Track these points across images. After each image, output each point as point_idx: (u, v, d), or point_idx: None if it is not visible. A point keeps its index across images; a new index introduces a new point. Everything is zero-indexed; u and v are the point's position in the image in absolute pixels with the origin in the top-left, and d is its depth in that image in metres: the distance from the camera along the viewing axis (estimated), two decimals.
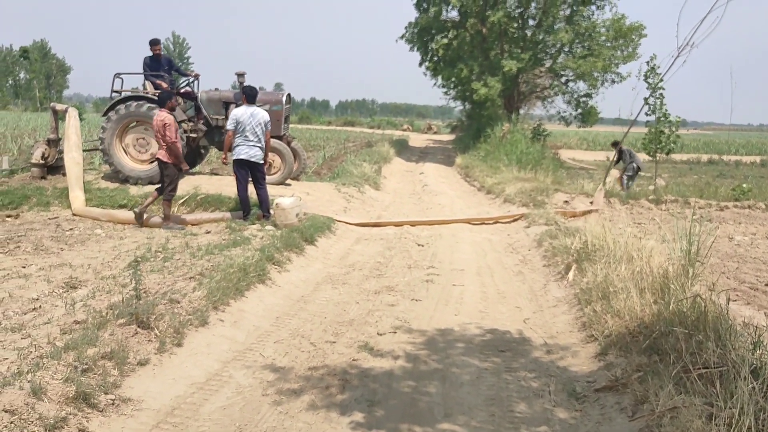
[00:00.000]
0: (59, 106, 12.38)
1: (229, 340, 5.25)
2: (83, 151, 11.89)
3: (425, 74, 31.30)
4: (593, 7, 27.83)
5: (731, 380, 3.53)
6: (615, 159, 16.38)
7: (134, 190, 11.16)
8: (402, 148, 30.66)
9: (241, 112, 9.23)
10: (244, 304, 5.99)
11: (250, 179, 9.44)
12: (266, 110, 10.55)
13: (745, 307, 6.98)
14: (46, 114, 40.51)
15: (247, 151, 9.19)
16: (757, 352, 3.93)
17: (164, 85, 11.78)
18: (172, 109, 9.38)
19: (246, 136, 9.17)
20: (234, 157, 9.34)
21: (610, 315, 5.29)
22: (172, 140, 9.05)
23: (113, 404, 3.85)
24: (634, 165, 16.39)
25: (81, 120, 12.44)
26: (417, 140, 42.50)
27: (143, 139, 11.53)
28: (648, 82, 15.20)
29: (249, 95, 9.41)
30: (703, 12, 8.98)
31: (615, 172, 16.54)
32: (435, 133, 56.40)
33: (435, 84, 33.05)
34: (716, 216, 13.05)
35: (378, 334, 5.61)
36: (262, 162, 9.39)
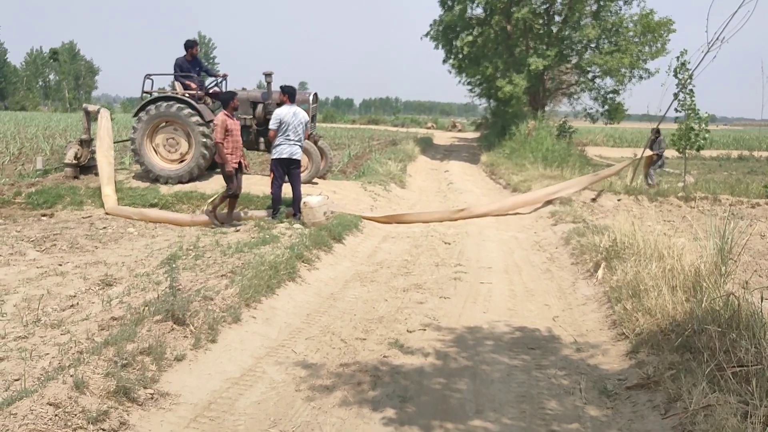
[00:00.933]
0: (91, 107, 12.62)
1: (261, 336, 5.33)
2: (115, 143, 12.10)
3: (450, 72, 31.22)
4: (621, 2, 27.50)
5: (767, 378, 3.51)
6: (651, 140, 16.32)
7: (164, 189, 11.35)
8: (426, 146, 30.63)
9: (284, 112, 9.35)
10: (275, 301, 6.08)
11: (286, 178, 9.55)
12: None
13: None
14: (75, 114, 41.29)
15: (290, 149, 9.33)
16: None
17: (193, 86, 11.95)
18: (234, 110, 9.42)
19: (288, 135, 9.30)
20: (275, 156, 9.44)
21: (641, 313, 5.28)
22: (216, 140, 9.15)
23: (152, 398, 3.95)
24: (663, 157, 16.35)
25: (111, 120, 12.67)
26: (441, 138, 42.41)
27: (173, 138, 11.71)
28: (678, 78, 15.01)
29: (291, 94, 9.53)
30: (734, 6, 8.86)
31: (647, 153, 16.43)
32: (459, 131, 56.17)
33: (459, 81, 32.99)
34: (747, 213, 12.85)
35: (407, 331, 5.65)
36: (300, 160, 9.53)
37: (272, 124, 9.43)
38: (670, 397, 3.93)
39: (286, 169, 9.44)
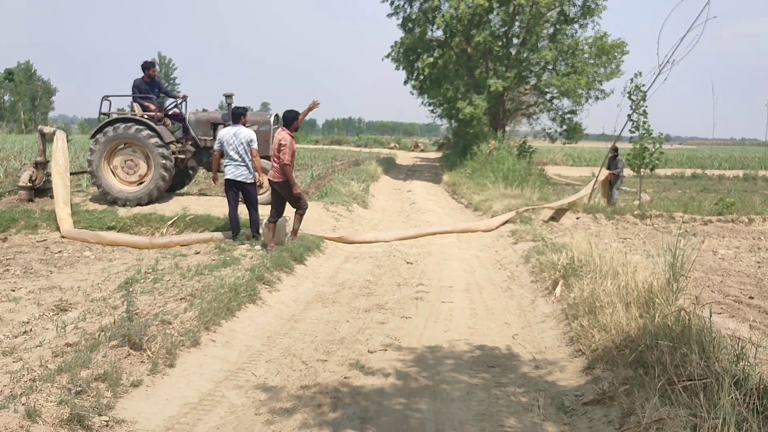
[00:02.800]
0: (47, 129, 12.40)
1: (221, 360, 5.28)
2: (71, 173, 11.90)
3: (411, 93, 31.56)
4: (576, 26, 28.27)
5: (715, 392, 3.62)
6: (609, 158, 16.72)
7: (123, 211, 11.18)
8: (389, 166, 30.80)
9: (223, 133, 9.30)
10: (235, 324, 6.03)
11: (242, 200, 9.47)
12: (254, 131, 10.60)
13: (730, 320, 7.10)
14: (31, 136, 40.38)
15: (233, 170, 9.23)
16: (740, 364, 4.03)
17: (152, 107, 11.85)
18: (296, 130, 9.20)
19: (230, 156, 9.20)
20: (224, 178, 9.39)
21: (597, 329, 5.39)
22: (284, 162, 8.88)
23: (107, 426, 3.88)
24: (622, 176, 16.81)
25: (68, 142, 12.46)
26: (404, 158, 42.69)
27: (131, 160, 11.57)
28: (631, 99, 15.44)
29: (233, 115, 9.47)
30: (684, 30, 9.22)
31: (604, 173, 16.81)
32: (422, 150, 56.60)
33: (421, 102, 33.37)
34: (700, 230, 13.24)
35: (369, 351, 5.66)
36: (250, 182, 9.37)
37: (216, 146, 9.41)
38: (624, 411, 4.02)
39: (236, 191, 9.37)
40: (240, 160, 9.19)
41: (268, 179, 9.25)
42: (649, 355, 4.43)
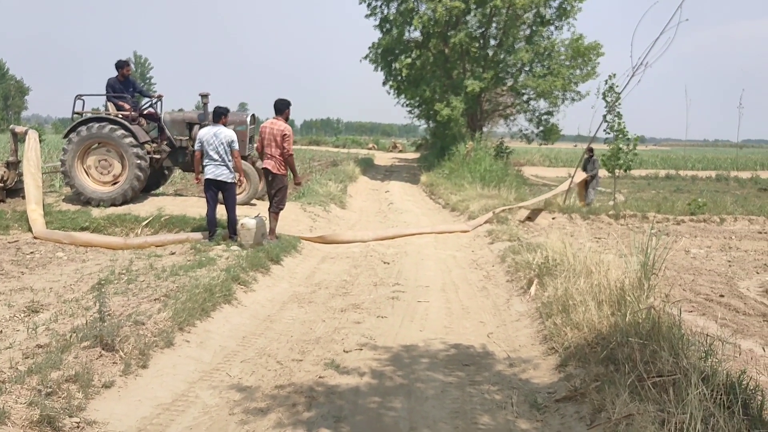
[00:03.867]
0: (19, 129, 12.22)
1: (195, 360, 5.25)
2: (43, 173, 11.74)
3: (389, 93, 31.65)
4: (552, 28, 28.58)
5: (683, 387, 3.68)
6: (584, 159, 16.89)
7: (96, 212, 11.04)
8: (368, 166, 30.84)
9: (204, 132, 9.25)
10: (210, 324, 6.00)
11: (222, 200, 9.44)
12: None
13: (701, 317, 7.23)
14: (3, 136, 39.76)
15: (213, 170, 9.19)
16: (708, 360, 4.12)
17: (127, 106, 11.73)
18: (286, 119, 9.37)
19: (211, 156, 9.15)
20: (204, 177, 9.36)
21: (570, 327, 5.45)
22: (290, 152, 9.18)
23: (78, 427, 3.83)
24: (597, 177, 17.02)
25: (41, 142, 12.29)
26: (382, 159, 42.76)
27: (105, 160, 11.44)
28: (606, 101, 15.64)
29: (215, 114, 9.42)
30: (657, 32, 9.34)
31: (581, 176, 16.99)
32: (400, 151, 56.78)
33: (399, 103, 33.47)
34: (673, 230, 13.45)
35: (344, 351, 5.66)
36: (230, 181, 9.34)
37: (196, 146, 9.37)
38: (595, 408, 4.07)
39: (215, 191, 9.34)
40: (220, 160, 9.16)
41: (265, 168, 9.44)
42: (619, 352, 4.50)
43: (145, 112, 12.32)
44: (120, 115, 11.54)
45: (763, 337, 6.50)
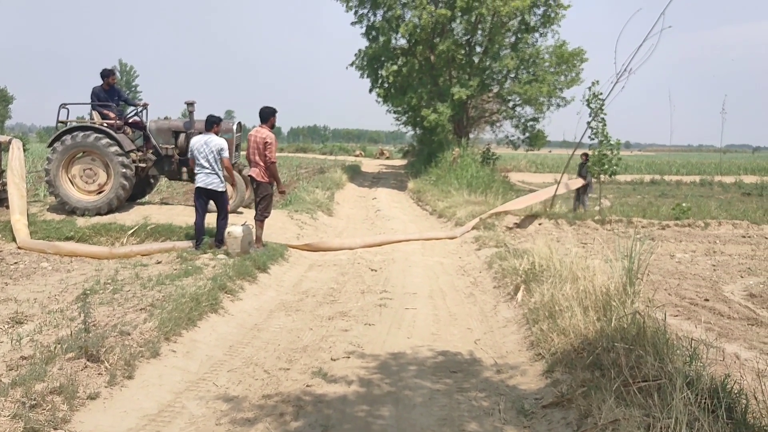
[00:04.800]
0: (2, 138, 12.11)
1: (181, 370, 5.21)
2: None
3: (377, 101, 31.66)
4: (536, 35, 28.73)
5: (668, 392, 3.71)
6: (579, 164, 17.19)
7: (81, 221, 10.96)
8: (355, 173, 30.83)
9: (195, 141, 9.24)
10: (196, 334, 5.96)
11: (214, 209, 9.42)
12: None
13: (686, 322, 7.29)
14: None
15: (204, 179, 9.17)
16: (693, 364, 4.15)
17: (112, 115, 11.68)
18: (272, 127, 9.41)
19: (201, 164, 9.15)
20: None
21: (556, 333, 5.47)
22: (272, 160, 9.19)
23: None
24: (591, 182, 17.23)
25: (25, 151, 12.18)
26: (369, 166, 42.77)
27: (90, 169, 11.37)
28: (590, 107, 15.74)
29: (206, 122, 9.40)
30: (640, 40, 9.45)
31: (577, 182, 17.20)
32: (387, 158, 56.82)
33: (386, 110, 33.49)
34: (658, 235, 13.55)
35: (332, 359, 5.65)
36: (221, 190, 9.31)
37: (189, 154, 9.37)
38: (582, 413, 4.09)
39: (205, 199, 9.31)
40: (210, 168, 9.15)
41: (251, 176, 9.48)
42: (605, 358, 4.52)
43: (130, 120, 12.26)
44: (105, 124, 11.48)
45: (747, 341, 6.57)
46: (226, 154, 9.21)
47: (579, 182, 17.13)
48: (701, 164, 50.08)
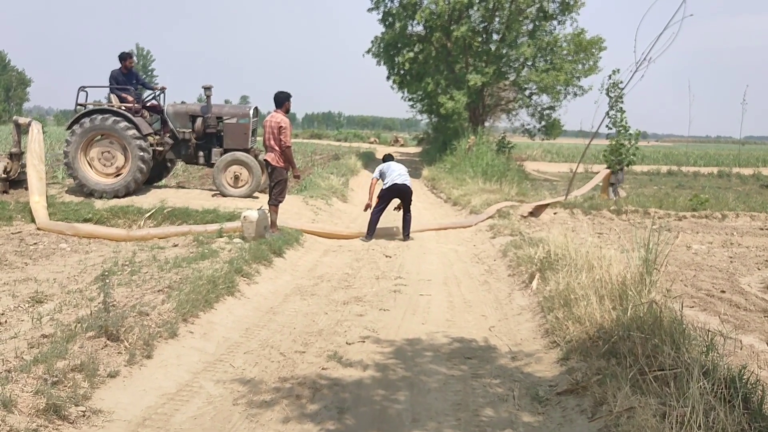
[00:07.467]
0: (22, 120, 12.24)
1: (199, 351, 5.28)
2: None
3: (392, 88, 31.59)
4: (555, 22, 28.48)
5: (684, 381, 3.71)
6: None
7: (99, 203, 11.08)
8: (369, 160, 30.81)
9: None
10: (213, 316, 6.02)
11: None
12: (233, 123, 10.56)
13: (702, 313, 7.25)
14: (5, 127, 39.75)
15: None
16: (710, 354, 4.14)
17: (130, 98, 11.75)
18: (287, 112, 9.42)
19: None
20: None
21: (572, 321, 5.47)
22: (287, 144, 9.20)
23: (84, 416, 3.87)
24: (621, 176, 17.18)
25: (43, 133, 12.30)
26: (384, 153, 42.69)
27: (108, 152, 11.47)
28: (609, 96, 15.63)
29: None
30: (661, 28, 9.34)
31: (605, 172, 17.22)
32: (402, 145, 56.73)
33: (402, 97, 33.40)
34: (675, 226, 13.45)
35: (347, 343, 5.69)
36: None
37: None
38: (597, 401, 4.10)
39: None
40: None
41: (266, 161, 9.47)
42: (621, 346, 4.52)
43: (148, 104, 12.35)
44: (123, 107, 11.56)
45: (763, 333, 6.53)
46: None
47: (606, 172, 17.08)
48: (719, 155, 49.45)
